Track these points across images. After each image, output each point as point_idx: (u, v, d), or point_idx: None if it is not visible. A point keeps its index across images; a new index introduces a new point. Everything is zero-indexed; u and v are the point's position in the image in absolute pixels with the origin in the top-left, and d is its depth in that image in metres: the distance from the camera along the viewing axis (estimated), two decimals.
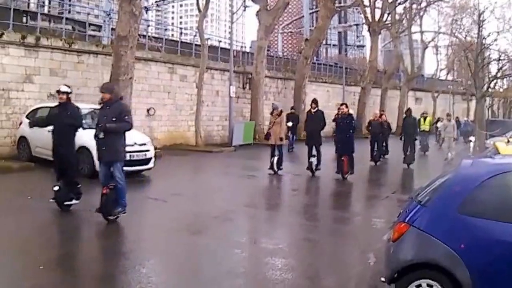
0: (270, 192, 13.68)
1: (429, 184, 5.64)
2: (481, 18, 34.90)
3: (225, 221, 9.61)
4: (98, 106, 15.98)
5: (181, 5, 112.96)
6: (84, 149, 13.13)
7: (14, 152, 15.54)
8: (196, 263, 6.97)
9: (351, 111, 15.57)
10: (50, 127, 13.87)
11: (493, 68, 48.43)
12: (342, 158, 14.83)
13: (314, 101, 15.77)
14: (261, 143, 23.70)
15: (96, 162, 12.73)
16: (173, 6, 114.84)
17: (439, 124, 31.65)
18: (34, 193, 11.00)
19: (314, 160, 15.25)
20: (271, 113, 16.08)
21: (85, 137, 13.20)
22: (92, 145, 12.92)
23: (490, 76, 46.52)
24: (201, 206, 11.00)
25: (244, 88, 27.29)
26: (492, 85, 47.32)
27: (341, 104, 15.55)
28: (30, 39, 17.16)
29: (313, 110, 15.50)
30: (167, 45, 24.50)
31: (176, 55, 24.02)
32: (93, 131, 13.25)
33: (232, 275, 6.51)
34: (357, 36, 52.10)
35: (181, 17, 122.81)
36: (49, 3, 26.03)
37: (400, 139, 19.59)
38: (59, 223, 8.53)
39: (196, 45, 25.00)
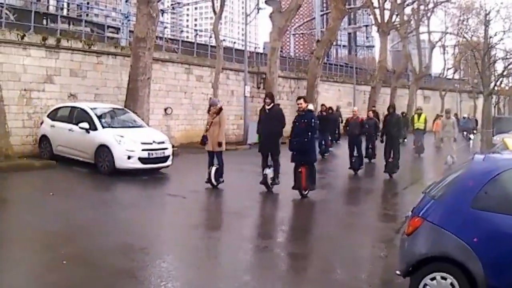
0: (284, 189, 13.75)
1: (442, 179, 5.76)
2: (487, 18, 35.02)
3: (243, 217, 9.86)
4: (117, 106, 16.55)
5: (195, 8, 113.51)
6: (103, 147, 13.52)
7: (35, 151, 15.89)
8: (215, 258, 7.17)
9: (311, 107, 12.11)
10: (71, 126, 14.50)
11: (499, 66, 48.66)
12: (300, 170, 11.33)
13: (269, 96, 12.20)
14: None
15: (116, 160, 13.28)
16: (187, 9, 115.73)
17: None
18: (57, 190, 11.34)
19: (269, 172, 11.95)
20: (208, 111, 12.65)
21: (105, 135, 13.69)
22: (112, 143, 13.42)
23: (496, 74, 46.70)
24: (219, 202, 11.31)
25: (258, 88, 27.61)
26: (498, 83, 47.62)
27: (298, 98, 11.80)
28: (51, 41, 17.50)
29: (267, 107, 11.84)
30: (183, 46, 24.83)
31: (192, 56, 24.35)
32: (112, 130, 13.85)
33: (250, 269, 6.72)
34: (367, 37, 52.28)
35: (195, 20, 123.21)
36: (68, 5, 26.45)
37: (381, 141, 16.28)
38: (81, 219, 8.75)
39: (211, 46, 25.39)
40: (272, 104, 11.84)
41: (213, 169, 12.19)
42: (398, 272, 5.36)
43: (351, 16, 66.26)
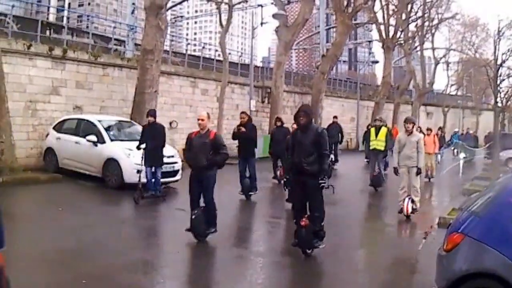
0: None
1: (481, 195, 5.70)
2: (500, 35, 35.04)
3: (255, 232, 9.70)
4: (123, 118, 16.30)
5: (195, 22, 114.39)
6: (112, 160, 13.27)
7: (40, 163, 15.61)
8: (230, 275, 6.97)
9: None
10: (78, 139, 14.24)
11: (503, 84, 48.84)
12: None
13: None
14: None
15: (125, 173, 13.00)
16: (187, 23, 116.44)
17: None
18: (64, 205, 11.06)
19: None
20: None
21: (113, 149, 13.43)
22: (120, 156, 13.15)
23: (506, 92, 46.81)
24: (230, 217, 11.01)
25: (263, 102, 27.53)
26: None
27: None
28: (57, 51, 17.31)
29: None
30: (188, 59, 24.72)
31: (198, 69, 24.27)
32: (120, 143, 13.58)
33: (268, 286, 6.55)
34: (370, 53, 52.50)
35: (195, 33, 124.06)
36: (68, 14, 26.44)
37: (285, 183, 11.42)
38: (94, 235, 8.50)
39: (217, 60, 25.30)
40: None
41: None
42: None
43: (352, 32, 66.58)
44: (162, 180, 13.03)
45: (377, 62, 39.83)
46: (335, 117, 22.79)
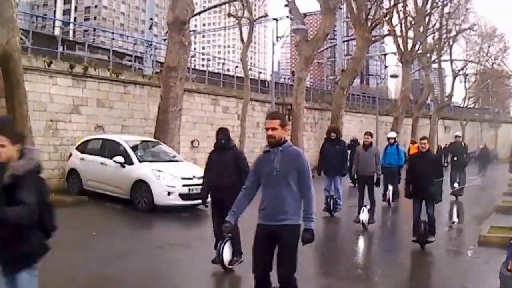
0: (324, 224, 12.57)
1: None
2: None
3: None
4: (148, 138, 15.72)
5: (203, 36, 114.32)
6: (141, 182, 12.72)
7: (62, 185, 14.97)
8: None
9: None
10: (104, 160, 13.64)
11: None
12: None
13: None
14: None
15: (155, 196, 12.40)
16: (195, 37, 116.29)
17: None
18: (96, 229, 10.54)
19: None
20: None
21: (142, 170, 12.84)
22: (150, 178, 12.55)
23: None
24: None
25: None
26: None
27: None
28: (78, 69, 16.78)
29: None
30: (207, 76, 24.22)
31: (219, 86, 23.75)
32: (149, 164, 12.96)
33: None
34: (386, 66, 51.92)
35: (203, 48, 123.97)
36: (74, 31, 26.10)
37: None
38: (133, 261, 8.05)
39: (237, 77, 24.81)
40: None
41: None
42: None
43: None
44: (193, 202, 12.34)
45: (396, 76, 39.08)
46: None
